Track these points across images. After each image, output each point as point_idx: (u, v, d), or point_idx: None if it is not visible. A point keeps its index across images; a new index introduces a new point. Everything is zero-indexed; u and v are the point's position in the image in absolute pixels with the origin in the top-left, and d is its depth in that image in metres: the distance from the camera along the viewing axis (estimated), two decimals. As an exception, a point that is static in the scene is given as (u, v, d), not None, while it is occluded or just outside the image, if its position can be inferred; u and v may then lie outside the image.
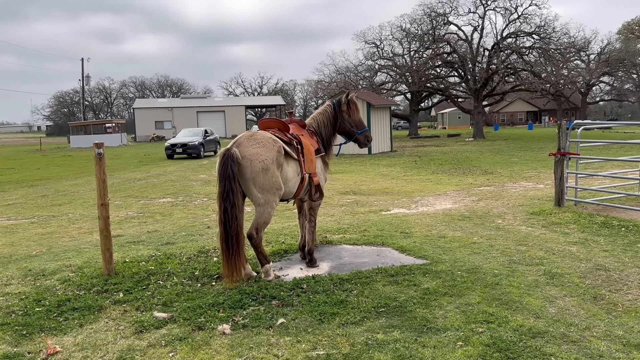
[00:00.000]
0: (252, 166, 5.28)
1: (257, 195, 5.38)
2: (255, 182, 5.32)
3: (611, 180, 12.02)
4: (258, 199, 5.40)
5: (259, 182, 5.33)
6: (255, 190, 5.37)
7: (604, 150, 23.30)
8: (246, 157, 5.30)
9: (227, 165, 5.19)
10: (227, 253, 5.18)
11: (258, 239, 5.52)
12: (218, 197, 5.29)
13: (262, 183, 5.34)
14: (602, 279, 5.50)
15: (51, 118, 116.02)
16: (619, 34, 73.76)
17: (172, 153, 30.14)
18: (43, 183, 18.91)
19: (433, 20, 44.49)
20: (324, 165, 6.40)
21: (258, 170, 5.29)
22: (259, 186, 5.34)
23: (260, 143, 5.44)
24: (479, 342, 3.95)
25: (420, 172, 18.65)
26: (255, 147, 5.38)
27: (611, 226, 7.81)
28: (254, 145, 5.40)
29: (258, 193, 5.37)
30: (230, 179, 5.16)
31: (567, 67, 46.25)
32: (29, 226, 10.30)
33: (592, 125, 12.52)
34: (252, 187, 5.35)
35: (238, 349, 3.96)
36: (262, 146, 5.41)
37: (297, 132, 6.07)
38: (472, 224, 8.41)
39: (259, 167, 5.29)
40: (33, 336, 4.31)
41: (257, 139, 5.49)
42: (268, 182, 5.36)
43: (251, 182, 5.32)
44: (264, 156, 5.35)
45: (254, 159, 5.30)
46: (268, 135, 5.60)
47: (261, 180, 5.32)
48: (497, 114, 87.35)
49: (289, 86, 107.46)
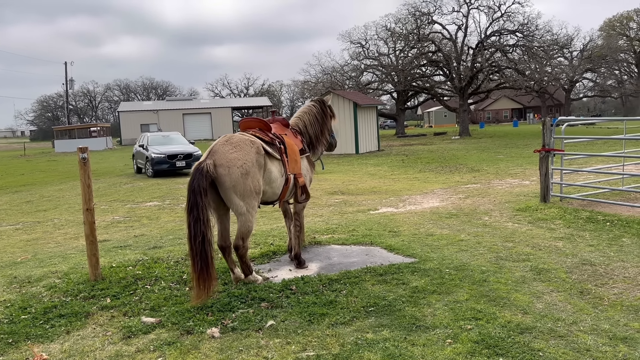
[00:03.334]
0: (231, 174, 5.07)
1: (239, 203, 5.18)
2: (236, 189, 5.12)
3: (596, 175, 12.16)
4: (240, 207, 5.20)
5: (239, 189, 5.13)
6: (236, 199, 5.16)
7: (588, 146, 23.55)
8: (223, 165, 5.08)
9: (195, 179, 4.97)
10: (194, 268, 4.90)
11: (244, 249, 5.39)
12: (185, 211, 5.09)
13: (243, 189, 5.14)
14: (588, 273, 5.56)
15: (35, 123, 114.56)
16: (600, 30, 74.75)
17: (172, 168, 20.25)
18: (27, 189, 18.68)
19: (417, 19, 44.67)
20: (309, 165, 6.30)
21: (237, 176, 5.09)
22: (240, 193, 5.14)
23: (237, 147, 5.23)
24: (467, 339, 3.97)
25: (407, 170, 18.71)
26: (232, 153, 5.17)
27: (596, 221, 7.89)
28: (230, 151, 5.18)
29: (240, 201, 5.17)
30: (196, 192, 4.92)
31: (550, 64, 46.76)
32: (14, 232, 10.17)
33: (576, 121, 12.66)
34: (233, 195, 5.15)
35: (227, 352, 3.94)
36: (239, 150, 5.21)
37: (280, 132, 5.95)
38: (459, 222, 8.46)
39: (238, 173, 5.10)
40: (19, 344, 4.25)
41: (233, 142, 5.28)
42: (249, 187, 5.17)
43: (232, 190, 5.12)
44: (242, 160, 5.15)
45: (232, 165, 5.09)
46: (245, 137, 5.41)
47: (242, 187, 5.13)
48: (483, 111, 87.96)
49: (275, 87, 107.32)
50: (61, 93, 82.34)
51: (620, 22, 74.80)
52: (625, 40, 72.77)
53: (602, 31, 74.26)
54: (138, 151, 22.50)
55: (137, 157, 22.65)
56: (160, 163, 20.10)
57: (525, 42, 41.63)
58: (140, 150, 22.02)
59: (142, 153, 21.63)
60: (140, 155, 21.81)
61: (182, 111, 66.26)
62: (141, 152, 21.77)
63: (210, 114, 66.18)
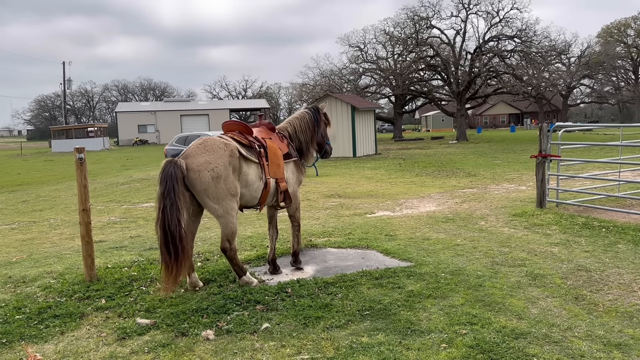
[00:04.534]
0: (201, 177, 5.04)
1: (214, 206, 5.15)
2: (208, 193, 5.09)
3: (592, 181, 12.20)
4: (216, 210, 5.17)
5: (211, 193, 5.09)
6: (210, 202, 5.14)
7: (584, 152, 23.63)
8: (194, 169, 5.05)
9: (170, 167, 4.93)
10: (165, 257, 4.78)
11: (232, 251, 5.35)
12: (157, 198, 4.94)
13: (215, 192, 5.10)
14: (584, 279, 5.57)
15: (32, 122, 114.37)
16: (598, 37, 75.00)
17: None
18: (24, 188, 18.63)
19: (416, 24, 44.79)
20: (296, 169, 6.19)
21: (208, 180, 5.05)
22: (213, 196, 5.11)
23: (210, 150, 5.18)
24: (462, 343, 3.97)
25: (404, 174, 18.73)
26: (204, 156, 5.12)
27: (592, 227, 7.91)
28: (202, 154, 5.13)
29: (214, 204, 5.14)
30: (173, 179, 4.86)
31: (548, 70, 46.89)
32: (9, 232, 10.14)
33: (573, 127, 12.69)
34: (206, 199, 5.12)
35: (222, 355, 3.94)
36: (211, 153, 5.15)
37: (265, 136, 5.87)
38: (455, 226, 8.47)
39: (209, 176, 5.05)
40: (13, 344, 4.24)
41: (206, 145, 5.22)
42: (222, 190, 5.12)
43: (204, 193, 5.09)
44: (213, 164, 5.10)
45: (202, 169, 5.06)
46: (220, 140, 5.33)
47: (213, 190, 5.09)
48: (480, 116, 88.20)
49: (273, 89, 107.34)
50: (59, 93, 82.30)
51: (618, 29, 75.12)
52: (623, 47, 73.11)
53: (600, 38, 74.56)
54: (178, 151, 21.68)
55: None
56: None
57: (523, 48, 41.77)
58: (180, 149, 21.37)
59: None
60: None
61: (179, 112, 66.27)
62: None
63: (207, 115, 66.21)
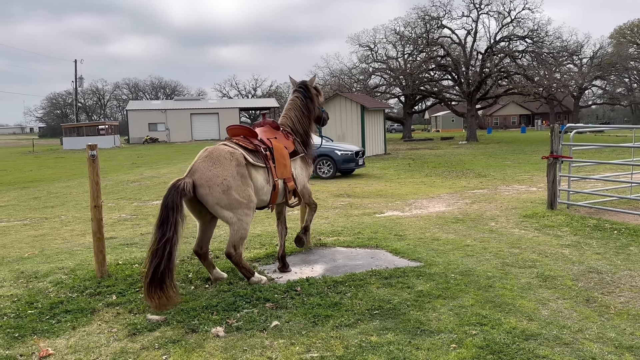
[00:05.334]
0: (212, 193, 5.07)
1: (228, 215, 5.17)
2: (221, 204, 5.12)
3: (603, 183, 12.10)
4: (229, 218, 5.19)
5: (224, 204, 5.12)
6: (224, 212, 5.16)
7: (596, 154, 23.43)
8: (203, 185, 5.06)
9: (170, 195, 4.91)
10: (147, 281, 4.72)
11: (237, 255, 5.36)
12: (154, 225, 4.96)
13: (228, 203, 5.13)
14: (595, 281, 5.53)
15: (44, 120, 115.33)
16: (611, 38, 74.39)
17: (356, 166, 18.90)
18: (35, 185, 18.80)
19: (427, 23, 44.67)
20: (304, 164, 6.17)
21: (219, 194, 5.08)
22: (226, 206, 5.13)
23: (217, 162, 5.16)
24: (472, 344, 3.96)
25: (413, 174, 18.68)
26: (211, 170, 5.11)
27: (603, 229, 7.85)
28: (210, 168, 5.13)
29: (228, 212, 5.17)
30: (169, 208, 4.84)
31: (559, 71, 46.61)
32: (22, 228, 10.24)
33: (585, 128, 12.60)
34: (220, 210, 5.14)
35: (232, 352, 3.95)
36: (218, 165, 5.14)
37: (270, 135, 5.82)
38: (465, 227, 8.43)
39: (219, 190, 5.08)
40: (25, 339, 4.28)
41: (213, 157, 5.20)
42: (234, 199, 5.14)
43: (217, 206, 5.12)
44: (221, 177, 5.10)
45: (212, 184, 5.07)
46: (225, 149, 5.30)
47: (226, 202, 5.11)
48: (490, 117, 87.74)
49: (283, 88, 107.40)
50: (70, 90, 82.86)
51: (630, 29, 74.45)
52: (636, 48, 72.35)
53: (613, 39, 73.91)
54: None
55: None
56: (348, 161, 18.40)
57: (535, 48, 41.53)
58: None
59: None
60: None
61: (189, 111, 66.51)
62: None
63: (217, 114, 66.40)
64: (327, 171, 18.21)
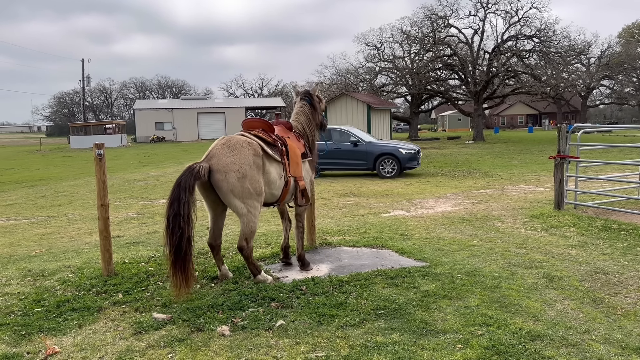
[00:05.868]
0: (228, 179, 5.10)
1: (239, 205, 5.21)
2: (234, 193, 5.15)
3: (611, 183, 12.03)
4: (240, 208, 5.23)
5: (237, 192, 5.15)
6: (236, 201, 5.19)
7: (603, 154, 23.29)
8: (220, 171, 5.10)
9: (184, 176, 4.97)
10: (171, 265, 4.82)
11: (248, 249, 5.40)
12: (166, 205, 5.01)
13: (241, 192, 5.16)
14: (602, 282, 5.50)
15: (51, 118, 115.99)
16: (619, 37, 73.79)
17: (417, 165, 18.69)
18: (43, 183, 18.91)
19: (434, 23, 44.51)
20: (310, 168, 6.31)
21: (234, 181, 5.11)
22: (239, 196, 5.17)
23: (234, 150, 5.22)
24: (478, 344, 3.95)
25: (419, 174, 18.64)
26: (229, 157, 5.17)
27: (611, 229, 7.81)
28: (227, 155, 5.18)
29: (239, 202, 5.20)
30: (181, 187, 4.88)
31: (567, 70, 46.32)
32: (29, 226, 10.30)
33: (592, 128, 12.53)
34: (232, 198, 5.17)
35: (237, 351, 3.96)
36: (235, 153, 5.20)
37: (284, 135, 5.92)
38: (471, 227, 8.41)
39: (235, 177, 5.11)
40: (32, 336, 4.30)
41: (230, 145, 5.26)
42: (247, 189, 5.18)
43: (230, 194, 5.15)
44: (238, 164, 5.15)
45: (228, 170, 5.11)
46: (243, 138, 5.39)
47: (239, 190, 5.15)
48: (497, 116, 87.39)
49: (289, 88, 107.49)
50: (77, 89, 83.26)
51: (639, 29, 73.87)
52: (644, 48, 71.84)
53: (621, 38, 73.35)
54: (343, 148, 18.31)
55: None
56: (411, 160, 18.04)
57: (542, 48, 41.28)
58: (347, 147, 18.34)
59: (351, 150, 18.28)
60: (348, 153, 18.26)
61: (196, 110, 66.65)
62: (349, 149, 18.30)
63: (224, 113, 66.49)
64: (391, 170, 17.91)
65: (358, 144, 18.26)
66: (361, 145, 18.25)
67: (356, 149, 18.21)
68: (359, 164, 18.24)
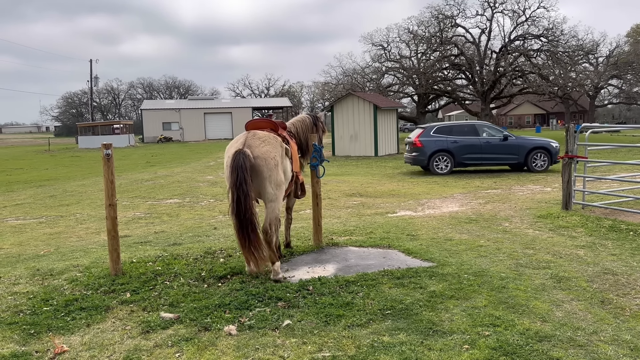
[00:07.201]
0: (267, 164, 5.43)
1: (271, 192, 5.53)
2: (271, 179, 5.48)
3: (619, 183, 11.95)
4: (271, 195, 5.55)
5: (273, 179, 5.50)
6: (270, 188, 5.51)
7: (612, 154, 23.13)
8: (260, 157, 5.43)
9: (240, 158, 5.25)
10: (242, 243, 5.26)
11: (272, 234, 5.64)
12: (231, 187, 5.27)
13: (276, 179, 5.52)
14: (610, 283, 5.47)
15: (59, 119, 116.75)
16: (627, 36, 73.26)
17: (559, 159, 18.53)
18: (51, 183, 19.02)
19: (440, 22, 44.35)
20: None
21: (272, 167, 5.46)
22: (274, 182, 5.52)
23: (267, 141, 5.58)
24: (485, 345, 3.94)
25: (426, 174, 18.59)
26: (264, 146, 5.51)
27: (619, 230, 7.76)
28: (262, 145, 5.52)
29: (273, 189, 5.53)
30: (244, 169, 5.19)
31: (575, 70, 45.97)
32: (37, 226, 10.37)
33: (601, 128, 12.45)
34: (268, 184, 5.49)
35: (244, 350, 3.97)
36: (269, 144, 5.56)
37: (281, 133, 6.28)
38: (478, 227, 8.38)
39: (272, 164, 5.46)
40: (41, 335, 4.34)
41: (261, 137, 5.62)
42: (280, 177, 5.58)
43: (267, 180, 5.47)
44: (274, 153, 5.52)
45: (268, 156, 5.45)
46: (268, 133, 5.76)
47: (275, 177, 5.50)
48: (505, 116, 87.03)
49: (295, 88, 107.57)
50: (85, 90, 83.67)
51: (648, 28, 73.28)
52: (653, 47, 71.27)
53: (629, 37, 72.78)
54: (492, 143, 18.22)
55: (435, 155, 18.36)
56: (557, 153, 17.62)
57: (550, 47, 41.05)
58: (497, 142, 18.21)
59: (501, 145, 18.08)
60: (498, 148, 18.09)
61: (203, 110, 66.82)
62: (499, 144, 18.12)
63: (231, 113, 66.63)
64: (542, 164, 18.02)
65: (508, 138, 18.26)
66: (512, 140, 18.24)
67: (506, 143, 18.11)
68: (509, 158, 18.23)
